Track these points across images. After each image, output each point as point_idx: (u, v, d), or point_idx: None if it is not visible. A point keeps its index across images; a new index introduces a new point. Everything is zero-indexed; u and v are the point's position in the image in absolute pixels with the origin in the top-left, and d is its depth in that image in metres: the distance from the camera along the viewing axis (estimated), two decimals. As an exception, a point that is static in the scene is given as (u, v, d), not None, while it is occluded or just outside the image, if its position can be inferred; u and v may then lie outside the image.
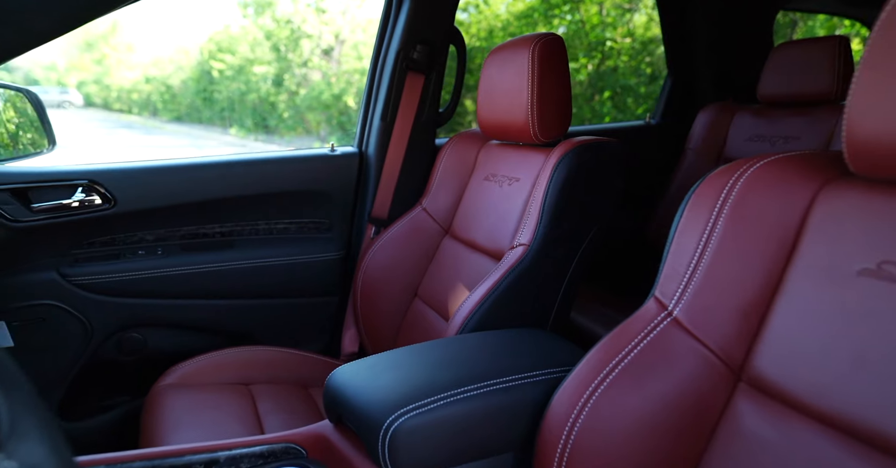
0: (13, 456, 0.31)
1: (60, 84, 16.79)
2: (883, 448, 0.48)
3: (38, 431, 0.33)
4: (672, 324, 0.66)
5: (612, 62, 7.02)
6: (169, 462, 0.71)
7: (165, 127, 13.83)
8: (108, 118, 15.58)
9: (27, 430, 0.33)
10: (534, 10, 7.49)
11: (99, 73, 16.59)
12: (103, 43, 15.63)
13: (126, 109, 16.56)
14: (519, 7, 7.77)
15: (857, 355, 0.51)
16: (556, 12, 7.29)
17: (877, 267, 0.53)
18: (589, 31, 7.13)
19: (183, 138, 11.90)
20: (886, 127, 0.50)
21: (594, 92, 7.15)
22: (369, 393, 0.70)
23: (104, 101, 17.32)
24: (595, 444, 0.64)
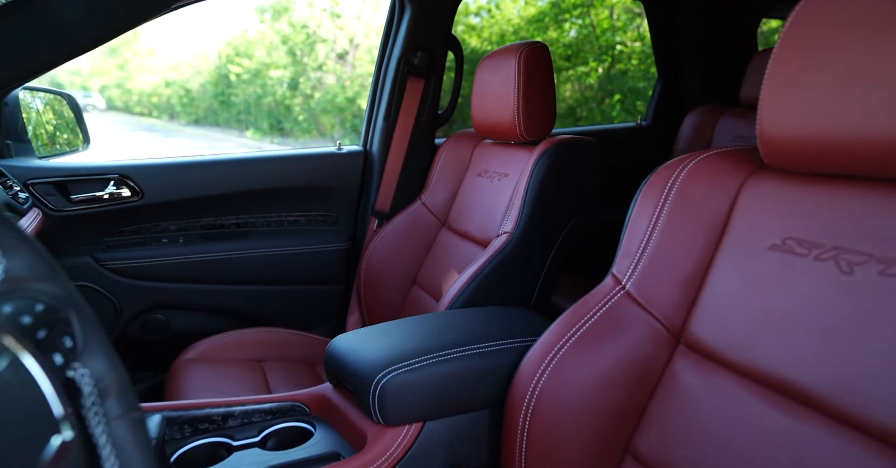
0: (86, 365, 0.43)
1: (84, 88, 17.23)
2: (783, 391, 0.58)
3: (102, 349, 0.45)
4: (624, 297, 0.76)
5: (622, 66, 7.09)
6: (192, 413, 0.82)
7: (184, 130, 14.12)
8: (129, 121, 15.95)
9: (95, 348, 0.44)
10: (545, 15, 7.58)
11: (121, 77, 16.99)
12: (125, 48, 16.01)
13: (146, 112, 16.94)
14: (530, 12, 7.86)
15: (765, 315, 0.61)
16: (567, 16, 7.37)
17: (782, 242, 0.62)
18: (599, 35, 7.21)
19: (200, 140, 12.16)
20: (789, 127, 0.59)
21: (604, 95, 7.21)
22: (362, 355, 0.81)
23: (125, 105, 17.73)
24: (555, 399, 0.73)
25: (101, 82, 17.67)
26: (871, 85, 0.52)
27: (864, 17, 0.53)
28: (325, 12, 10.79)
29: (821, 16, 0.57)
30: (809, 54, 0.57)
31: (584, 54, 7.48)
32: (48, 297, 0.41)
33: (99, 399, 0.43)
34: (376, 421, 0.77)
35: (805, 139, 0.59)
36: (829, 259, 0.57)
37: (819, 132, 0.57)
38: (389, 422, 0.76)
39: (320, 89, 10.85)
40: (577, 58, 7.46)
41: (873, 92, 0.52)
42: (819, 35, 0.56)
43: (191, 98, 14.54)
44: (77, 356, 0.43)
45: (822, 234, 0.59)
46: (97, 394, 0.43)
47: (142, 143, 11.30)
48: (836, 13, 0.55)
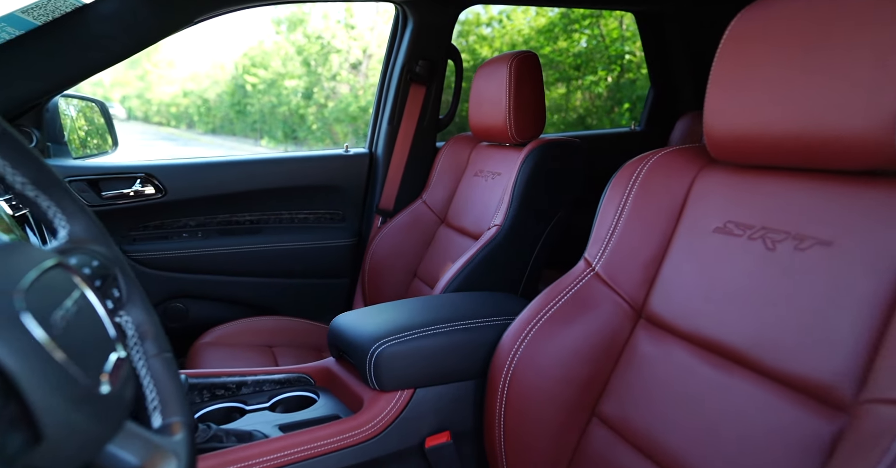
0: (129, 313, 0.54)
1: (106, 99, 17.63)
2: (720, 352, 0.66)
3: (141, 302, 0.55)
4: (594, 278, 0.85)
5: (631, 75, 7.16)
6: (210, 380, 0.92)
7: (201, 138, 14.41)
8: (148, 130, 16.31)
9: (136, 301, 0.55)
10: (554, 25, 7.69)
11: (141, 88, 17.38)
12: (146, 60, 16.41)
13: (165, 122, 17.30)
14: (541, 22, 7.97)
15: (708, 289, 0.70)
16: (577, 27, 7.48)
17: (723, 225, 0.71)
18: (609, 45, 7.29)
19: (217, 149, 12.41)
20: (729, 127, 0.69)
21: (613, 104, 7.29)
22: (361, 329, 0.90)
23: (145, 115, 18.14)
24: (530, 369, 0.82)
25: (122, 93, 18.11)
26: (789, 92, 0.61)
27: (782, 36, 0.62)
28: (339, 23, 11.02)
29: (748, 34, 0.66)
30: (740, 66, 0.66)
31: (593, 64, 7.56)
32: (101, 257, 0.52)
33: (139, 341, 0.54)
34: (372, 387, 0.86)
35: (742, 137, 0.68)
36: (758, 238, 0.66)
37: (752, 131, 0.66)
38: (384, 388, 0.86)
39: (334, 98, 11.05)
40: (587, 67, 7.54)
41: (791, 97, 0.61)
42: (747, 50, 0.66)
43: (208, 108, 14.85)
44: (122, 305, 0.54)
45: (753, 217, 0.68)
46: (138, 337, 0.54)
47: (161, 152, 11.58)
48: (760, 32, 0.65)
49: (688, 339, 0.71)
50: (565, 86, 7.87)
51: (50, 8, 1.01)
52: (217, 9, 1.26)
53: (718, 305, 0.68)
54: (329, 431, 0.81)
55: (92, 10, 1.12)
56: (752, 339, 0.63)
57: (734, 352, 0.65)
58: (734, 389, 0.64)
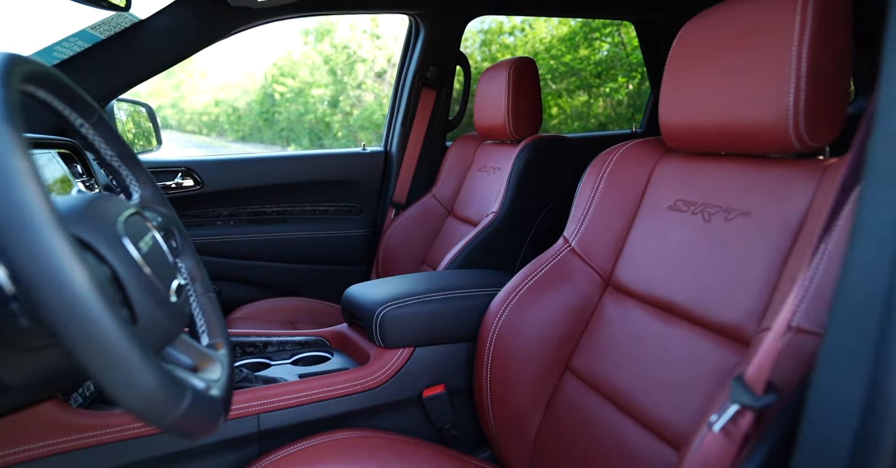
0: (183, 261, 0.69)
1: (142, 108, 18.26)
2: (666, 308, 0.79)
3: (191, 253, 0.71)
4: (570, 252, 0.97)
5: (651, 81, 7.19)
6: (239, 339, 1.08)
7: (231, 146, 14.85)
8: (181, 139, 16.86)
9: (187, 252, 0.70)
10: (575, 34, 7.80)
11: (175, 97, 18.00)
12: (180, 70, 17.01)
13: (197, 130, 17.86)
14: (563, 31, 8.09)
15: (659, 257, 0.82)
16: (598, 35, 7.58)
17: (674, 203, 0.83)
18: (629, 53, 7.36)
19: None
20: (678, 120, 0.81)
21: (634, 111, 7.34)
22: (368, 296, 1.05)
23: (178, 123, 18.77)
24: (512, 331, 0.95)
25: (158, 103, 18.77)
26: (715, 91, 0.74)
27: (709, 47, 0.75)
28: (365, 33, 11.32)
29: (687, 45, 0.79)
30: (682, 71, 0.79)
31: (613, 71, 7.63)
32: (163, 215, 0.68)
33: (191, 282, 0.69)
34: (378, 345, 1.00)
35: (686, 128, 0.80)
36: (698, 212, 0.79)
37: (692, 123, 0.79)
38: (387, 345, 1.00)
39: (359, 107, 11.32)
40: (608, 75, 7.62)
41: (716, 95, 0.73)
42: (686, 58, 0.79)
43: (238, 116, 15.32)
44: (178, 254, 0.70)
45: (696, 195, 0.80)
46: (190, 279, 0.70)
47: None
48: (694, 43, 0.78)
49: (642, 300, 0.84)
50: (587, 93, 7.94)
51: (113, 24, 1.19)
52: (251, 21, 1.44)
53: (666, 270, 0.81)
54: (340, 379, 0.96)
55: (146, 25, 1.31)
56: (690, 296, 0.75)
57: (676, 307, 0.77)
58: (673, 337, 0.76)
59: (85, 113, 0.57)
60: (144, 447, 0.80)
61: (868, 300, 0.38)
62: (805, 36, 0.62)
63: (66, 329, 0.34)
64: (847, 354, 0.39)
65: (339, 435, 0.92)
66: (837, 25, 0.63)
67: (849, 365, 0.39)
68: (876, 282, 0.37)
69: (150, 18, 1.31)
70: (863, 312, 0.38)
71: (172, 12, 1.34)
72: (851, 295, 0.39)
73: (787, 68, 0.64)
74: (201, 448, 0.86)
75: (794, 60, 0.63)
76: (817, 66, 0.62)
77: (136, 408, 0.37)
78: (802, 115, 0.63)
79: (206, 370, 0.55)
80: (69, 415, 0.76)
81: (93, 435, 0.77)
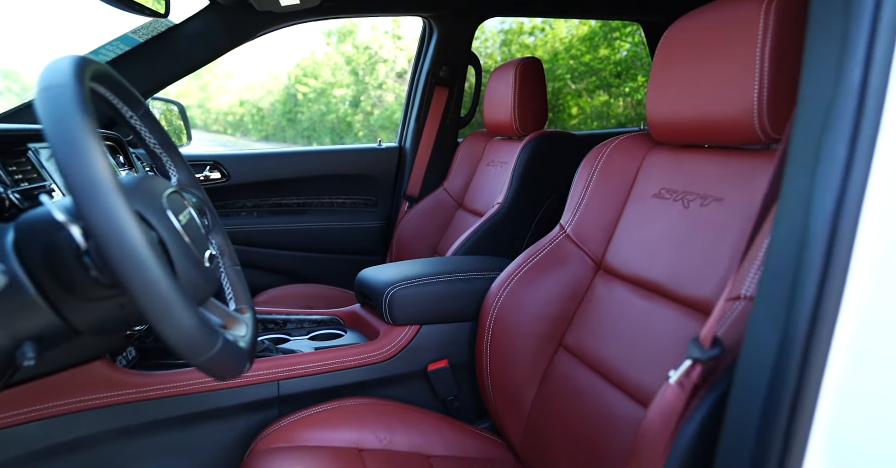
0: (213, 238, 0.78)
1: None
2: (648, 287, 0.86)
3: (220, 230, 0.80)
4: (565, 238, 1.05)
5: (671, 81, 7.15)
6: (262, 316, 1.18)
7: (254, 145, 15.12)
8: (207, 138, 17.21)
9: (217, 229, 0.80)
10: (595, 34, 7.81)
11: (202, 98, 18.38)
12: (207, 71, 17.36)
13: (222, 130, 18.21)
14: (583, 31, 8.10)
15: (644, 241, 0.89)
16: (618, 35, 7.57)
17: (659, 191, 0.90)
18: (650, 52, 7.33)
19: (269, 154, 12.94)
20: (662, 115, 0.88)
21: (654, 110, 7.30)
22: (379, 277, 1.14)
23: (204, 123, 19.16)
24: (510, 310, 1.03)
25: (186, 103, 19.08)
26: (692, 88, 0.80)
27: (687, 48, 0.82)
28: (386, 34, 11.46)
29: (670, 46, 0.86)
30: (666, 70, 0.86)
31: (633, 71, 7.61)
32: (197, 196, 0.77)
33: (220, 256, 0.79)
34: (387, 321, 1.09)
35: (670, 123, 0.87)
36: (679, 199, 0.86)
37: (674, 117, 0.86)
38: (396, 322, 1.08)
39: (380, 106, 11.46)
40: (627, 74, 7.60)
41: (694, 92, 0.80)
42: (669, 58, 0.86)
43: (262, 116, 15.61)
44: (209, 230, 0.79)
45: (678, 183, 0.87)
46: (219, 253, 0.79)
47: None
48: (675, 45, 0.84)
49: (628, 280, 0.91)
50: (607, 93, 7.94)
51: (151, 28, 1.31)
52: (275, 25, 1.54)
53: (650, 252, 0.88)
54: (352, 351, 1.05)
55: (180, 28, 1.42)
56: (668, 275, 0.82)
57: (656, 285, 0.84)
58: (653, 313, 0.83)
59: (134, 107, 0.67)
60: (180, 404, 0.91)
61: (782, 270, 0.45)
62: (767, 39, 0.69)
63: (127, 277, 0.44)
64: (766, 315, 0.46)
65: (350, 401, 1.01)
66: (796, 29, 0.69)
67: (767, 324, 0.46)
68: (789, 255, 0.45)
69: (184, 23, 1.42)
70: (778, 280, 0.45)
71: (203, 17, 1.45)
72: (772, 266, 0.46)
73: (753, 67, 0.70)
74: (229, 408, 0.96)
75: (759, 61, 0.70)
76: (778, 66, 0.69)
77: (178, 345, 0.46)
78: (765, 109, 0.70)
79: (234, 328, 0.65)
80: (116, 373, 0.87)
81: (136, 391, 0.87)
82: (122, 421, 0.87)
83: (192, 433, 0.94)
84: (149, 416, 0.89)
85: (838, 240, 0.42)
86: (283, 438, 0.91)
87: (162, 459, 0.91)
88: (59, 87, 0.45)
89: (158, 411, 0.89)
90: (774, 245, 0.47)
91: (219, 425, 0.96)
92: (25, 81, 8.97)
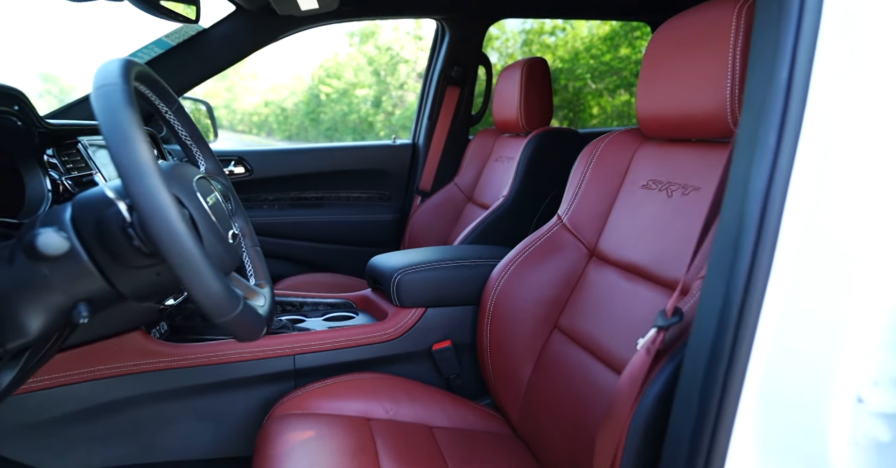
0: (236, 221, 0.88)
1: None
2: (633, 270, 0.92)
3: (243, 215, 0.89)
4: (562, 228, 1.12)
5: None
6: (280, 299, 1.27)
7: (278, 145, 15.34)
8: (232, 138, 17.55)
9: (239, 214, 0.89)
10: (616, 33, 7.79)
11: (228, 98, 18.73)
12: (233, 72, 17.69)
13: (247, 130, 18.55)
14: (604, 30, 8.09)
15: (632, 229, 0.96)
16: (639, 34, 7.54)
17: (647, 183, 0.97)
18: (671, 51, 7.27)
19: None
20: (650, 111, 0.94)
21: (674, 109, 7.26)
22: (388, 263, 1.22)
23: (230, 124, 19.54)
24: (509, 294, 1.10)
25: (212, 104, 19.55)
26: (674, 85, 0.87)
27: (670, 49, 0.88)
28: (408, 35, 11.58)
29: (656, 47, 0.92)
30: (652, 69, 0.92)
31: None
32: (222, 184, 0.87)
33: (241, 237, 0.88)
34: (395, 304, 1.18)
35: (657, 118, 0.94)
36: (663, 189, 0.92)
37: (659, 113, 0.92)
38: (403, 305, 1.17)
39: (401, 107, 11.58)
40: (648, 73, 7.54)
41: (676, 89, 0.87)
42: (655, 58, 0.92)
43: (286, 116, 15.88)
44: (232, 215, 0.88)
45: (663, 175, 0.94)
46: (241, 235, 0.88)
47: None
48: (660, 46, 0.91)
49: (617, 265, 0.98)
50: (628, 93, 7.92)
51: (182, 32, 1.41)
52: (296, 27, 1.64)
53: (636, 239, 0.94)
54: (362, 330, 1.13)
55: (208, 32, 1.53)
56: (651, 259, 0.89)
57: (641, 269, 0.91)
58: (636, 293, 0.89)
59: (169, 103, 0.77)
60: (208, 373, 1.00)
61: (726, 246, 0.52)
62: (739, 38, 0.75)
63: (164, 245, 0.52)
64: (713, 286, 0.53)
65: (360, 376, 1.09)
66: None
67: (713, 294, 0.53)
68: (731, 233, 0.51)
69: (212, 27, 1.53)
70: (722, 255, 0.52)
71: (230, 21, 1.56)
72: (718, 243, 0.53)
73: (726, 67, 0.77)
74: (250, 379, 1.05)
75: (731, 59, 0.76)
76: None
77: (206, 305, 0.55)
78: (737, 104, 0.76)
79: (253, 299, 0.74)
80: (152, 344, 0.97)
81: (169, 360, 0.97)
82: (157, 386, 0.97)
83: (219, 400, 1.03)
84: (180, 383, 0.99)
85: (768, 217, 0.49)
86: (298, 406, 1.00)
87: (192, 422, 1.01)
88: (111, 86, 0.54)
89: (189, 379, 0.99)
90: (721, 225, 0.54)
91: (241, 393, 1.06)
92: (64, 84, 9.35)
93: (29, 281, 0.58)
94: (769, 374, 0.50)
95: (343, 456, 0.87)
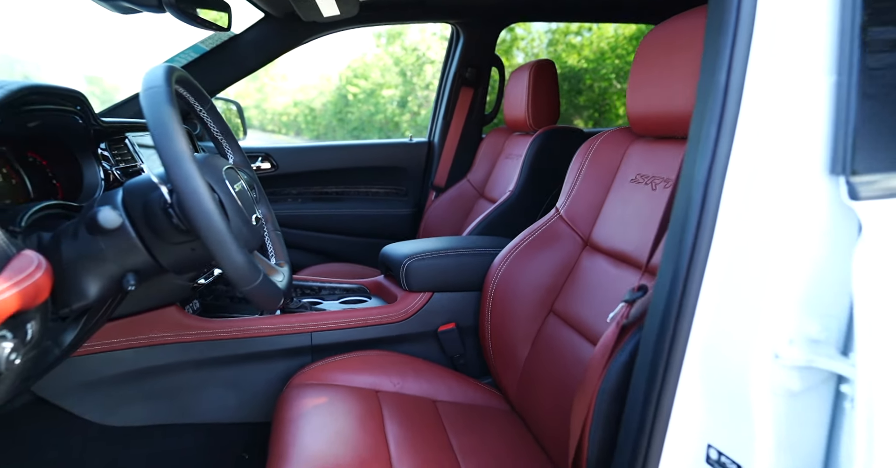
0: (259, 209, 0.99)
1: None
2: (620, 257, 1.00)
3: (265, 203, 1.00)
4: (559, 219, 1.20)
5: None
6: (300, 283, 1.38)
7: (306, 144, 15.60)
8: (262, 138, 17.91)
9: (262, 201, 1.00)
10: (642, 33, 7.74)
11: (258, 99, 19.12)
12: (263, 73, 18.05)
13: (276, 130, 18.92)
14: (630, 30, 8.05)
15: (620, 219, 1.03)
16: (665, 33, 7.47)
17: (635, 177, 1.04)
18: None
19: (320, 153, 13.39)
20: (639, 110, 1.02)
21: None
22: (398, 251, 1.32)
23: (260, 123, 19.97)
24: (509, 280, 1.18)
25: (243, 104, 19.94)
26: (658, 85, 0.94)
27: (656, 52, 0.95)
28: (434, 36, 11.69)
29: (645, 51, 0.99)
30: (641, 70, 1.00)
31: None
32: (248, 175, 0.97)
33: (265, 222, 0.99)
34: (404, 289, 1.27)
35: (644, 116, 1.01)
36: (649, 183, 0.99)
37: (645, 112, 0.99)
38: (411, 289, 1.26)
39: (426, 107, 11.70)
40: (674, 73, 7.48)
41: (660, 89, 0.94)
42: (643, 61, 0.99)
43: (314, 116, 16.15)
44: (257, 202, 0.99)
45: (650, 169, 1.01)
46: (263, 220, 0.99)
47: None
48: (648, 50, 0.98)
49: (607, 254, 1.05)
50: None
51: (215, 38, 1.54)
52: (319, 32, 1.75)
53: (624, 228, 1.02)
54: (374, 311, 1.23)
55: (239, 37, 1.65)
56: (635, 246, 0.96)
57: (627, 256, 0.98)
58: (622, 278, 0.97)
59: (203, 102, 0.88)
60: (234, 346, 1.12)
61: (677, 229, 0.60)
62: None
63: (198, 222, 0.63)
64: (666, 264, 0.61)
65: (371, 353, 1.20)
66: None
67: (666, 271, 0.61)
68: (679, 218, 0.59)
69: (242, 33, 1.65)
70: (673, 239, 0.60)
71: (258, 27, 1.68)
72: (671, 228, 0.61)
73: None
74: (272, 352, 1.16)
75: None
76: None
77: (231, 274, 0.66)
78: None
79: (273, 275, 0.84)
80: (185, 318, 1.09)
81: (200, 333, 1.09)
82: (189, 355, 1.09)
83: (243, 370, 1.15)
84: (209, 354, 1.10)
85: (708, 203, 0.57)
86: (313, 377, 1.11)
87: (220, 389, 1.13)
88: (157, 87, 0.65)
89: (217, 350, 1.11)
90: (674, 212, 0.62)
91: (263, 365, 1.17)
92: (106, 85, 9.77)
93: (89, 252, 0.69)
94: (709, 335, 0.58)
95: (352, 419, 0.97)
